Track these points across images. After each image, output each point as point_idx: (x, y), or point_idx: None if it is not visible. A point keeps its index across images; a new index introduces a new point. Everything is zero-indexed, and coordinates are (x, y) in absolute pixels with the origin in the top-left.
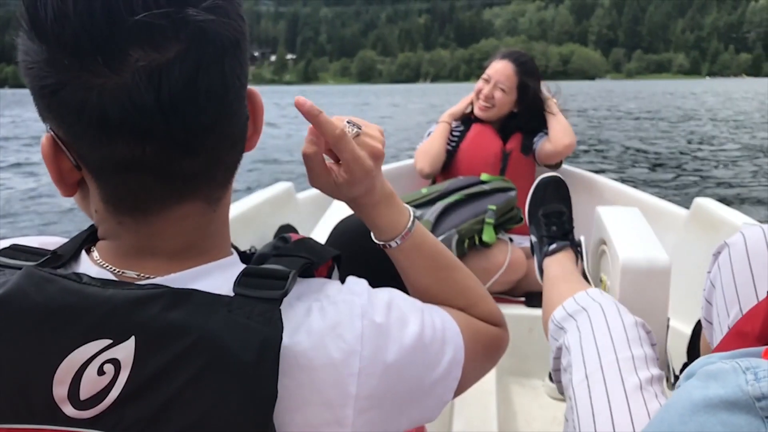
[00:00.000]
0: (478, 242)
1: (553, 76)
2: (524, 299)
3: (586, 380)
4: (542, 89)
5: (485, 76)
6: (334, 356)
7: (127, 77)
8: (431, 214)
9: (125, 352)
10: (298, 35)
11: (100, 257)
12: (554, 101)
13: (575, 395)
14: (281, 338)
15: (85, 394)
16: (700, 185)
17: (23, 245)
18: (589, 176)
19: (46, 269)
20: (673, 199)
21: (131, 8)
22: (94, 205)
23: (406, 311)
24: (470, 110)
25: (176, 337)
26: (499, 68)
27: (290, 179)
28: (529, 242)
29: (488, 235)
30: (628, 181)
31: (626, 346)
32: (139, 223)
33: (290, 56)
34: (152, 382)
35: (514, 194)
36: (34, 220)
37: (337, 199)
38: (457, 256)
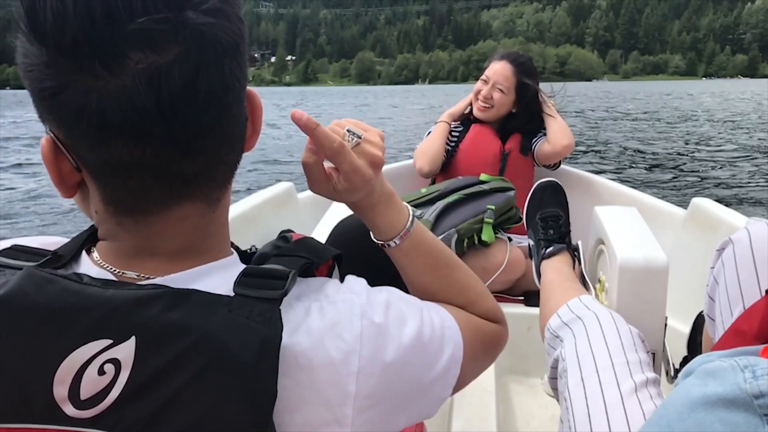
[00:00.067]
0: (477, 242)
1: (550, 77)
2: (523, 298)
3: (581, 383)
4: (542, 90)
5: (484, 76)
6: (333, 356)
7: (126, 80)
8: (431, 213)
9: (126, 352)
10: (297, 37)
11: (100, 258)
12: (552, 103)
13: (571, 396)
14: (281, 338)
15: (85, 393)
16: (697, 186)
17: (24, 246)
18: (587, 176)
19: (46, 270)
20: (671, 199)
21: (130, 11)
22: (94, 206)
23: (404, 310)
24: (469, 111)
25: (176, 337)
26: (497, 69)
27: (290, 179)
28: (527, 242)
29: (487, 234)
30: (626, 181)
31: (621, 351)
32: (139, 223)
33: (290, 57)
34: (152, 381)
35: (513, 194)
36: (34, 220)
37: (337, 201)
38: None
